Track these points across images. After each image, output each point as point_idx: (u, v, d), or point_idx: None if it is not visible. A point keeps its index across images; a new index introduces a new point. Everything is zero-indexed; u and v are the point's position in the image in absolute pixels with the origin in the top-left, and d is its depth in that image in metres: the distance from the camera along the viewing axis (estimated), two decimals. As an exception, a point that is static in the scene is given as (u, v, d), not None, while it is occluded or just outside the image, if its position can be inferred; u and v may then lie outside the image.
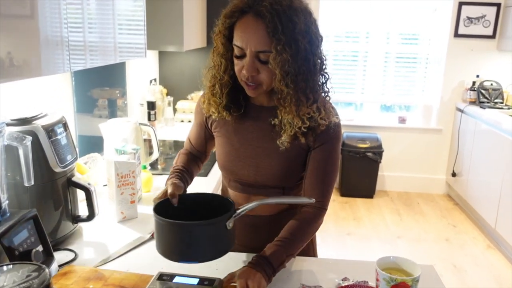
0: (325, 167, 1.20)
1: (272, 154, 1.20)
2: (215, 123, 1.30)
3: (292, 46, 1.05)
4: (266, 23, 1.04)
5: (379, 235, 3.70)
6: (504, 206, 3.37)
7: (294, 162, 1.21)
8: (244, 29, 1.08)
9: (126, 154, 1.56)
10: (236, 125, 1.24)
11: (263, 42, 1.06)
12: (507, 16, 4.12)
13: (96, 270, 1.15)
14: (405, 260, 1.08)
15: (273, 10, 1.04)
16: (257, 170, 1.23)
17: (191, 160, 1.37)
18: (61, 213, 1.30)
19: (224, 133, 1.27)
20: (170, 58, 3.25)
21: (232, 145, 1.25)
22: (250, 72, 1.09)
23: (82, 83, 2.05)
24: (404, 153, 4.62)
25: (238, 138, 1.24)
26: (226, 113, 1.22)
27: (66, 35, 1.18)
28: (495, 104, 4.07)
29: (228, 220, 1.05)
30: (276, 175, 1.22)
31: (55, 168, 1.24)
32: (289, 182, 1.25)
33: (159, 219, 1.04)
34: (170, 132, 2.85)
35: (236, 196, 1.31)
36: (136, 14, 1.74)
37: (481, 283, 3.04)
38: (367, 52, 4.48)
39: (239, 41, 1.09)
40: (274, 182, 1.23)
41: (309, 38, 1.08)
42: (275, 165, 1.21)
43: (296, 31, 1.05)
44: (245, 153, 1.23)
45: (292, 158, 1.20)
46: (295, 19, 1.05)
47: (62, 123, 1.30)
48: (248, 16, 1.07)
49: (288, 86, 1.08)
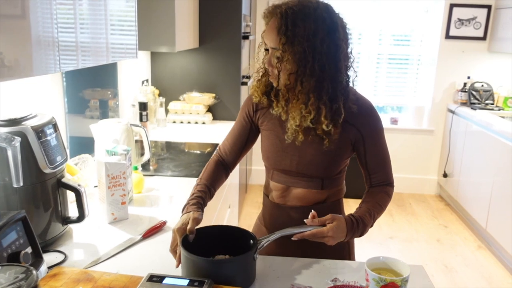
0: (382, 150, 1.34)
1: (315, 144, 1.29)
2: (262, 118, 1.39)
3: (293, 46, 1.18)
4: (277, 23, 1.20)
5: (371, 236, 3.72)
6: (494, 206, 3.40)
7: (335, 153, 1.30)
8: (267, 28, 1.25)
9: (117, 155, 1.56)
10: (282, 118, 1.33)
11: (274, 40, 1.22)
12: (498, 18, 4.16)
13: (85, 272, 1.14)
14: (395, 261, 1.08)
15: (285, 12, 1.19)
16: (299, 159, 1.31)
17: (219, 170, 1.43)
18: (51, 214, 1.29)
19: (270, 126, 1.37)
20: (162, 59, 3.24)
21: (277, 136, 1.35)
22: (267, 65, 1.27)
23: (74, 83, 2.04)
24: (396, 153, 4.64)
25: (284, 130, 1.32)
26: (264, 98, 1.36)
27: (57, 35, 1.17)
28: (486, 106, 4.10)
29: (256, 252, 1.11)
30: (317, 165, 1.31)
31: (45, 169, 1.23)
32: (328, 173, 1.33)
33: (189, 255, 1.07)
34: (162, 133, 2.85)
35: (276, 187, 1.40)
36: (128, 14, 1.73)
37: (471, 283, 3.06)
38: (359, 53, 4.50)
39: (264, 38, 1.27)
40: (314, 172, 1.32)
41: (313, 43, 1.18)
42: (316, 155, 1.30)
43: (296, 33, 1.17)
44: (288, 143, 1.31)
45: (332, 149, 1.29)
46: (299, 23, 1.18)
47: (52, 124, 1.29)
48: (273, 17, 1.23)
49: (292, 83, 1.23)
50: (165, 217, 1.51)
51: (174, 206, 1.64)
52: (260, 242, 1.14)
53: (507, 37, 3.99)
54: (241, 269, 1.11)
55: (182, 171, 2.05)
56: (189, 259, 1.08)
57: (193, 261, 1.07)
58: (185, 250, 1.08)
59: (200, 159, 2.24)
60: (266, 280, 1.14)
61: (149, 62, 3.25)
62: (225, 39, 3.18)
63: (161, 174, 2.00)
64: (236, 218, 3.14)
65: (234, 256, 1.15)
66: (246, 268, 1.12)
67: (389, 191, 1.36)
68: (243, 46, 3.27)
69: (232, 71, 3.23)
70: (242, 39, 3.20)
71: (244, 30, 3.29)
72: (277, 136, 1.35)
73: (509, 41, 3.95)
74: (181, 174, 2.01)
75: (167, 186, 1.85)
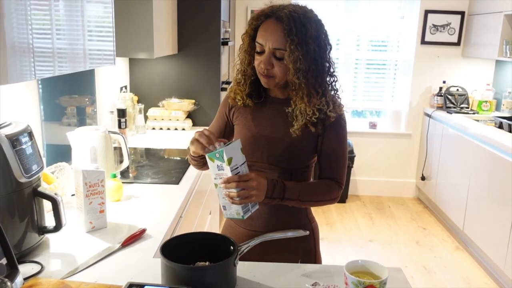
0: (339, 151, 1.39)
1: (284, 138, 1.37)
2: (236, 113, 1.47)
3: (304, 47, 1.26)
4: (284, 25, 1.26)
5: (352, 239, 3.75)
6: (471, 208, 3.47)
7: (303, 148, 1.38)
8: (266, 30, 1.30)
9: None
10: (254, 113, 1.43)
11: (279, 41, 1.27)
12: (471, 23, 4.27)
13: (63, 282, 1.12)
14: (373, 264, 1.10)
15: (290, 16, 1.26)
16: (270, 151, 1.39)
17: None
18: (27, 224, 1.26)
19: (243, 121, 1.45)
20: (141, 65, 3.22)
21: (250, 130, 1.42)
22: (266, 66, 1.30)
23: (50, 90, 2.01)
24: (375, 157, 4.71)
25: (256, 124, 1.42)
26: (249, 100, 1.42)
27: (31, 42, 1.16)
28: (461, 109, 4.20)
29: (236, 258, 1.12)
30: (286, 157, 1.38)
31: (20, 178, 1.21)
32: (297, 166, 1.40)
33: (169, 263, 1.06)
34: (142, 139, 2.83)
35: None
36: (106, 20, 1.72)
37: (450, 284, 3.11)
38: (337, 58, 4.56)
39: (260, 39, 1.30)
40: (283, 164, 1.38)
41: (318, 43, 1.29)
42: (286, 148, 1.37)
43: (307, 35, 1.26)
44: (260, 137, 1.40)
45: (302, 144, 1.37)
46: (307, 26, 1.26)
47: (27, 132, 1.27)
48: (270, 20, 1.29)
49: (300, 80, 1.29)
50: (145, 225, 1.50)
51: (153, 213, 1.63)
52: (240, 248, 1.15)
53: (480, 42, 4.09)
54: (222, 276, 1.10)
55: (162, 178, 2.03)
56: (169, 267, 1.07)
57: (173, 268, 1.06)
58: (164, 258, 1.07)
59: (180, 166, 2.23)
60: (247, 286, 1.14)
61: (128, 68, 3.22)
62: (204, 45, 3.18)
63: (141, 181, 1.98)
64: (217, 225, 3.13)
65: (214, 263, 1.15)
66: (227, 274, 1.12)
67: (331, 185, 1.38)
68: (222, 52, 3.28)
69: (212, 77, 3.23)
70: (221, 45, 3.20)
71: (223, 36, 3.30)
72: (249, 130, 1.42)
73: (482, 47, 4.06)
74: (161, 181, 1.99)
75: (146, 193, 1.84)
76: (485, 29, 4.01)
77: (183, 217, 1.81)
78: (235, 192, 1.20)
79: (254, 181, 1.21)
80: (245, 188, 1.20)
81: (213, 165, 1.21)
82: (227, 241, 1.18)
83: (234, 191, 1.20)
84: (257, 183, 1.22)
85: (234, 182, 1.19)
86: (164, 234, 1.46)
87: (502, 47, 3.71)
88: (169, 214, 1.62)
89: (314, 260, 1.49)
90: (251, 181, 1.20)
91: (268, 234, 1.22)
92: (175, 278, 1.07)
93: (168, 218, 1.59)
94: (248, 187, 1.20)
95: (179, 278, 1.06)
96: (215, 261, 1.13)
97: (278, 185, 1.28)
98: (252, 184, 1.21)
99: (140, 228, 1.45)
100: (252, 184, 1.21)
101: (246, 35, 1.37)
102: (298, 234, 1.26)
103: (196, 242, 1.21)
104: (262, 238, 1.20)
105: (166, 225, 1.53)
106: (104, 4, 1.69)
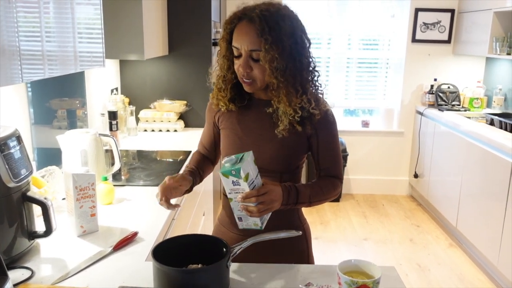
0: (334, 149, 1.39)
1: (272, 140, 1.35)
2: (221, 118, 1.46)
3: (279, 45, 1.23)
4: (256, 26, 1.23)
5: (346, 238, 3.76)
6: (463, 205, 3.49)
7: (292, 149, 1.37)
8: (240, 32, 1.27)
9: None
10: (240, 117, 1.41)
11: (254, 42, 1.24)
12: (461, 21, 4.29)
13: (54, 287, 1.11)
14: (366, 263, 1.10)
15: (262, 15, 1.23)
16: (258, 154, 1.31)
17: (203, 160, 1.54)
18: (16, 229, 1.25)
19: (229, 125, 1.43)
20: (132, 67, 3.20)
21: (236, 134, 1.41)
22: (245, 69, 1.28)
23: (40, 93, 1.99)
24: (368, 156, 4.72)
25: (242, 127, 1.40)
26: (232, 105, 1.40)
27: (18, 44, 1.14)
28: (452, 107, 4.22)
29: (228, 260, 1.11)
30: (275, 160, 1.36)
31: (8, 183, 1.19)
32: (286, 168, 1.38)
33: (161, 266, 1.05)
34: (133, 141, 2.81)
35: None
36: (96, 22, 1.71)
37: (444, 281, 3.12)
38: (329, 57, 4.56)
39: (236, 43, 1.28)
40: (273, 167, 1.37)
41: (294, 40, 1.26)
42: (274, 150, 1.36)
43: (282, 32, 1.23)
44: (247, 140, 1.39)
45: (290, 144, 1.36)
46: (281, 23, 1.24)
47: (15, 136, 1.26)
48: (243, 22, 1.27)
49: (278, 79, 1.26)
50: (137, 228, 1.49)
51: (145, 216, 1.62)
52: (233, 250, 1.14)
53: (470, 40, 4.12)
54: (215, 278, 1.09)
55: (154, 180, 2.02)
56: (161, 270, 1.06)
57: (165, 272, 1.05)
58: (156, 261, 1.06)
59: (173, 168, 2.22)
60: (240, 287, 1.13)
61: (118, 70, 3.20)
62: (195, 46, 3.16)
63: (133, 184, 1.97)
64: (211, 226, 3.12)
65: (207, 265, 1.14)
66: (220, 276, 1.11)
67: (335, 182, 1.39)
68: (213, 53, 3.27)
69: (203, 78, 3.15)
70: (212, 46, 3.19)
71: (214, 37, 3.29)
72: (236, 134, 1.41)
73: (472, 44, 4.08)
74: (153, 183, 1.98)
75: (138, 196, 1.83)
76: (475, 26, 4.03)
77: (175, 219, 1.80)
78: (254, 206, 1.16)
79: (272, 192, 1.19)
80: (264, 201, 1.17)
81: (228, 181, 1.16)
82: (220, 243, 1.17)
83: (253, 205, 1.16)
84: (275, 194, 1.20)
85: (253, 197, 1.15)
86: (156, 237, 1.45)
87: (492, 44, 3.73)
88: (161, 217, 1.61)
89: (307, 261, 1.48)
90: (268, 193, 1.18)
91: (261, 235, 1.21)
92: (167, 281, 1.06)
93: (160, 220, 1.58)
94: (267, 200, 1.18)
95: (171, 281, 1.05)
96: (208, 263, 1.12)
97: (292, 191, 1.26)
98: (271, 197, 1.19)
99: (132, 231, 1.44)
100: (271, 197, 1.19)
101: (223, 40, 1.33)
102: (291, 235, 1.25)
103: (188, 244, 1.20)
104: (255, 239, 1.19)
105: (158, 227, 1.52)
106: (94, 6, 1.68)
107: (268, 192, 1.18)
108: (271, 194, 1.19)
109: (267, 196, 1.17)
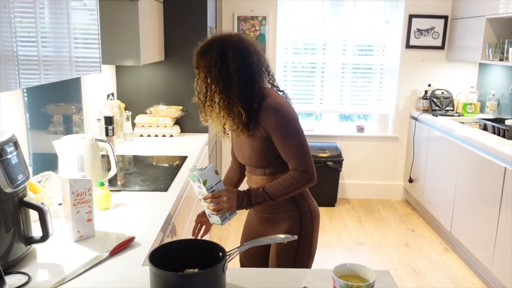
0: (288, 143, 1.55)
1: (245, 145, 1.64)
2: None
3: (206, 79, 1.55)
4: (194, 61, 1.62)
5: (342, 243, 3.77)
6: (458, 209, 3.52)
7: (262, 148, 1.59)
8: None
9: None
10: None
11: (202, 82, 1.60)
12: (454, 27, 4.34)
13: (50, 293, 1.11)
14: (361, 267, 1.11)
15: (194, 58, 1.62)
16: (243, 155, 1.68)
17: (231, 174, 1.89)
18: (13, 235, 1.25)
19: (231, 133, 1.72)
20: (128, 72, 3.21)
21: (233, 140, 1.74)
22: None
23: (36, 98, 2.00)
24: (363, 161, 4.74)
25: (233, 135, 1.71)
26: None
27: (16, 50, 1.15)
28: (446, 112, 4.25)
29: (225, 264, 1.13)
30: (254, 159, 1.64)
31: (6, 188, 1.20)
32: (265, 163, 1.63)
33: (158, 271, 1.05)
34: (130, 147, 2.81)
35: (247, 175, 1.76)
36: (92, 27, 1.72)
37: (439, 285, 3.14)
38: (324, 63, 4.59)
39: None
40: (254, 164, 1.65)
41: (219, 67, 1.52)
42: (249, 151, 1.63)
43: (203, 65, 1.56)
44: (236, 146, 1.73)
45: (257, 147, 1.60)
46: (205, 58, 1.57)
47: (12, 142, 1.26)
48: None
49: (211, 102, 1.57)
50: (133, 233, 1.49)
51: (142, 221, 1.62)
52: (229, 254, 1.15)
53: (463, 46, 4.16)
54: (211, 282, 1.10)
55: (150, 185, 2.03)
56: (157, 274, 1.07)
57: (161, 276, 1.06)
58: (153, 265, 1.07)
59: (169, 172, 2.23)
60: (236, 292, 1.15)
61: (114, 75, 3.21)
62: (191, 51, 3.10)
63: (129, 189, 1.98)
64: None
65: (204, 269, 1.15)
66: (216, 280, 1.12)
67: (295, 174, 1.55)
68: (209, 58, 3.28)
69: (199, 83, 3.22)
70: (208, 51, 3.20)
71: (210, 43, 3.30)
72: (233, 139, 1.73)
73: (465, 50, 4.12)
74: (149, 188, 1.99)
75: (135, 201, 1.83)
76: (468, 33, 4.07)
77: (172, 224, 1.81)
78: (212, 205, 1.54)
79: (224, 197, 1.54)
80: (218, 203, 1.54)
81: (195, 185, 1.57)
82: (216, 247, 1.18)
83: (211, 205, 1.54)
84: (227, 198, 1.53)
85: (209, 199, 1.54)
86: (153, 241, 1.46)
87: (485, 50, 3.77)
88: (158, 222, 1.61)
89: (310, 242, 1.67)
90: (221, 197, 1.54)
91: (258, 240, 1.26)
92: (164, 286, 1.07)
93: (157, 225, 1.58)
94: (220, 202, 1.54)
95: (168, 285, 1.06)
96: (204, 268, 1.13)
97: (245, 196, 1.56)
98: (223, 199, 1.54)
99: (129, 236, 1.45)
100: (222, 199, 1.54)
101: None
102: (287, 239, 1.28)
103: (185, 249, 1.21)
104: (251, 244, 1.22)
105: (155, 232, 1.52)
106: (90, 12, 1.69)
107: (221, 196, 1.53)
108: (223, 197, 1.53)
109: (220, 199, 1.53)
